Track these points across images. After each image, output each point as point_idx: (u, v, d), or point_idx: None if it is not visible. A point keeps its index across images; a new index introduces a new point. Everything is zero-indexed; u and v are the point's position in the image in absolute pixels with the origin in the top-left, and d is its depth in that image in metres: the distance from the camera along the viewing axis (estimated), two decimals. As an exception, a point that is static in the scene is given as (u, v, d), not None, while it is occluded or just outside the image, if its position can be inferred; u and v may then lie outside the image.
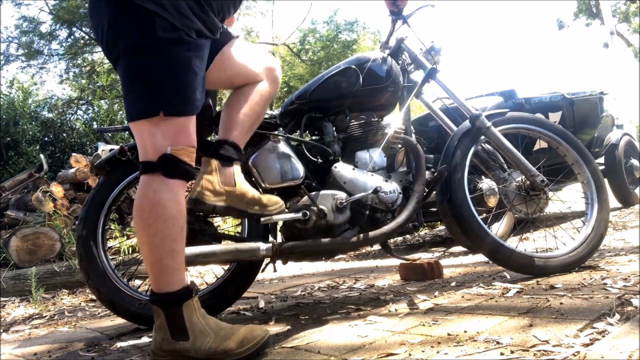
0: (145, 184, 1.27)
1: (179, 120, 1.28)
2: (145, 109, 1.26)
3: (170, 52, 1.25)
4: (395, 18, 2.06)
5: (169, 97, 1.26)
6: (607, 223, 2.01)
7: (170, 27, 1.24)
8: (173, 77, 1.26)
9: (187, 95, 1.28)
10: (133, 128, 1.30)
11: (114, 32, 1.27)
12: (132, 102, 1.29)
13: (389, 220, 1.78)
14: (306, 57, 11.50)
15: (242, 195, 1.51)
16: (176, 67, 1.26)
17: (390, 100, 1.98)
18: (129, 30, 1.25)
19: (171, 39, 1.25)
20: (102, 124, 6.97)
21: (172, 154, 1.26)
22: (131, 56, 1.26)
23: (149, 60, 1.25)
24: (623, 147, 4.39)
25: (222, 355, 1.26)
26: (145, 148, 1.29)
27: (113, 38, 1.28)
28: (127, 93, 1.30)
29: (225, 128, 1.53)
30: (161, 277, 1.25)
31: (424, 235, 4.74)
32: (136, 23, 1.24)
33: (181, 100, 1.28)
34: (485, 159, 2.06)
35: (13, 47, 9.53)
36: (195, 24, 1.29)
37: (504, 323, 1.30)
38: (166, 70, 1.25)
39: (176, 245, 1.26)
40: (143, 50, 1.25)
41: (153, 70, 1.25)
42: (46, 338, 1.94)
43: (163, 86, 1.26)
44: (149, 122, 1.26)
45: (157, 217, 1.24)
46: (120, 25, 1.26)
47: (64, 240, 3.63)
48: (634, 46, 19.76)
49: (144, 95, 1.27)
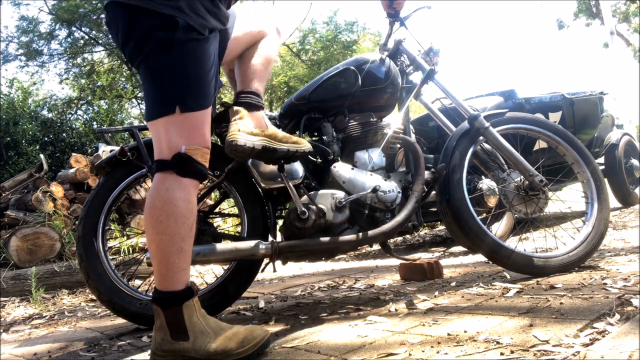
0: (159, 182, 1.28)
1: (194, 117, 1.30)
2: (161, 108, 1.29)
3: (184, 51, 1.27)
4: (393, 20, 2.05)
5: (183, 93, 1.28)
6: (607, 222, 2.01)
7: (186, 28, 1.27)
8: (187, 74, 1.28)
9: (201, 90, 1.31)
10: (151, 128, 1.33)
11: (135, 38, 1.29)
12: (150, 102, 1.32)
13: (388, 219, 1.79)
14: (306, 58, 11.49)
15: (275, 134, 1.58)
16: (189, 64, 1.29)
17: (389, 101, 1.99)
18: (148, 36, 1.27)
19: (187, 39, 1.27)
20: (102, 124, 6.97)
21: (186, 153, 1.28)
22: (150, 59, 1.29)
23: (166, 61, 1.27)
24: (623, 147, 4.39)
25: (222, 355, 1.26)
26: (161, 146, 1.31)
27: (134, 44, 1.30)
28: (146, 95, 1.33)
29: (243, 80, 1.63)
30: (167, 275, 1.26)
31: (424, 235, 4.74)
32: (155, 29, 1.26)
33: (195, 96, 1.30)
34: (484, 159, 2.06)
35: (13, 46, 9.53)
36: (209, 23, 1.32)
37: (504, 323, 1.30)
38: (181, 69, 1.28)
39: (184, 245, 1.27)
40: (161, 53, 1.27)
41: (169, 70, 1.28)
42: (46, 338, 1.94)
43: (178, 84, 1.28)
44: (165, 121, 1.28)
45: (168, 214, 1.25)
46: (138, 32, 1.28)
47: (64, 240, 3.63)
48: (633, 45, 19.76)
49: (160, 95, 1.29)
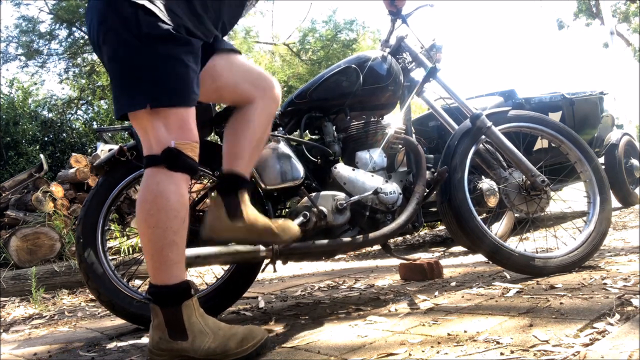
0: (149, 177, 1.27)
1: (179, 112, 1.27)
2: (131, 102, 1.26)
3: (159, 49, 1.25)
4: (394, 18, 2.05)
5: (161, 89, 1.25)
6: (609, 222, 2.01)
7: (156, 23, 1.24)
8: (165, 71, 1.25)
9: (182, 87, 1.28)
10: (135, 124, 1.31)
11: (104, 29, 1.28)
12: (120, 97, 1.29)
13: (389, 221, 1.78)
14: (306, 57, 11.48)
15: (252, 226, 1.45)
16: (167, 61, 1.26)
17: (391, 99, 1.98)
18: (116, 26, 1.25)
19: (159, 36, 1.25)
20: (101, 124, 6.97)
21: (176, 147, 1.26)
22: (120, 52, 1.27)
23: (138, 57, 1.25)
24: (623, 147, 4.39)
25: (221, 355, 1.25)
26: (150, 142, 1.29)
27: (103, 35, 1.29)
28: (116, 90, 1.30)
29: (229, 158, 1.46)
30: (161, 268, 1.25)
31: (424, 235, 4.74)
32: (123, 19, 1.24)
33: (177, 92, 1.27)
34: (486, 158, 2.05)
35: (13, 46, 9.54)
36: (184, 22, 1.29)
37: (504, 323, 1.30)
38: (157, 66, 1.25)
39: (177, 238, 1.25)
40: (131, 47, 1.25)
41: (143, 66, 1.25)
42: (46, 338, 1.94)
43: (155, 80, 1.25)
44: (149, 115, 1.26)
45: (159, 208, 1.24)
46: (108, 22, 1.27)
47: (64, 240, 3.62)
48: (633, 45, 19.75)
49: (133, 90, 1.26)
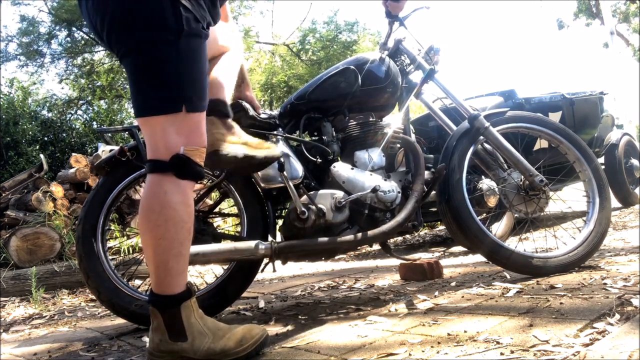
0: (155, 184, 1.23)
1: (195, 117, 1.25)
2: (164, 105, 1.21)
3: (191, 46, 1.22)
4: (392, 20, 2.06)
5: (190, 92, 1.22)
6: (608, 221, 2.01)
7: (193, 20, 1.22)
8: (192, 71, 1.23)
9: (203, 89, 1.27)
10: (143, 124, 1.25)
11: (127, 22, 1.20)
12: (147, 96, 1.23)
13: (388, 219, 1.78)
14: (306, 57, 11.49)
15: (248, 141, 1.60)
16: (194, 61, 1.23)
17: (389, 100, 1.98)
18: (147, 21, 1.19)
19: (194, 33, 1.22)
20: (102, 124, 6.97)
21: (185, 154, 1.22)
22: (148, 48, 1.20)
23: (169, 54, 1.20)
24: (623, 147, 4.38)
25: (221, 355, 1.25)
26: (157, 145, 1.23)
27: (125, 29, 1.21)
28: (139, 87, 1.24)
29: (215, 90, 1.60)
30: (165, 279, 1.22)
31: (424, 235, 4.74)
32: (157, 13, 1.18)
33: (200, 96, 1.26)
34: (485, 158, 2.06)
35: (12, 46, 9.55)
36: (207, 17, 1.28)
37: (504, 323, 1.30)
38: (186, 65, 1.22)
39: (183, 249, 1.23)
40: (163, 43, 1.19)
41: (173, 64, 1.20)
42: (46, 338, 1.94)
43: (184, 81, 1.22)
44: (164, 119, 1.21)
45: (167, 219, 1.20)
46: (135, 15, 1.19)
47: (64, 240, 3.62)
48: (633, 45, 19.75)
49: (163, 91, 1.21)
